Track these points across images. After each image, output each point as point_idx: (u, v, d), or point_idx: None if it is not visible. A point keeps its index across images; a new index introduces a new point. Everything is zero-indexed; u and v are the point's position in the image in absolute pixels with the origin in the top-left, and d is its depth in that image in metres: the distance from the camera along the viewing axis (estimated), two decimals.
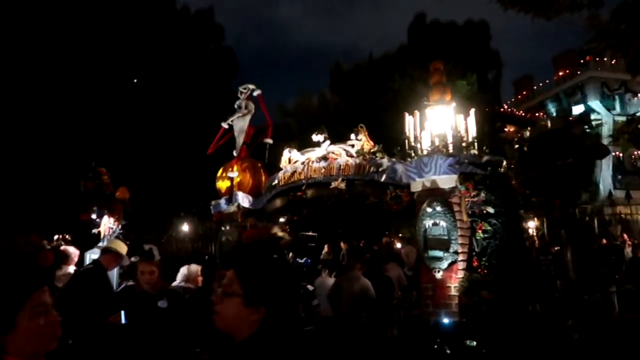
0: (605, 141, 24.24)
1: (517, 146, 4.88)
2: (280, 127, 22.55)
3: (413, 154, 5.82)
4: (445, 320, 4.14)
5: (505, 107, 28.92)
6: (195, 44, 18.51)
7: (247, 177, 7.68)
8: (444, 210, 5.46)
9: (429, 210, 5.56)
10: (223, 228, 7.63)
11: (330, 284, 6.30)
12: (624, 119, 25.03)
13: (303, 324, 6.30)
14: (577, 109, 25.18)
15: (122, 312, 4.05)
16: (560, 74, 28.02)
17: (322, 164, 6.83)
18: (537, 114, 26.48)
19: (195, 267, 6.11)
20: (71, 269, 6.09)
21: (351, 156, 6.59)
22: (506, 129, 21.74)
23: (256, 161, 7.99)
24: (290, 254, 8.33)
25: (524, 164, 4.63)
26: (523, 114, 26.39)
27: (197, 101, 18.58)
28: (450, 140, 5.55)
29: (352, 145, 6.67)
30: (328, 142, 6.94)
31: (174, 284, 6.14)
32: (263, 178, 7.83)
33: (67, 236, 23.00)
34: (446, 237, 5.42)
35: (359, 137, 6.59)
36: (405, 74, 20.29)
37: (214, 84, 19.10)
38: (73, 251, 5.87)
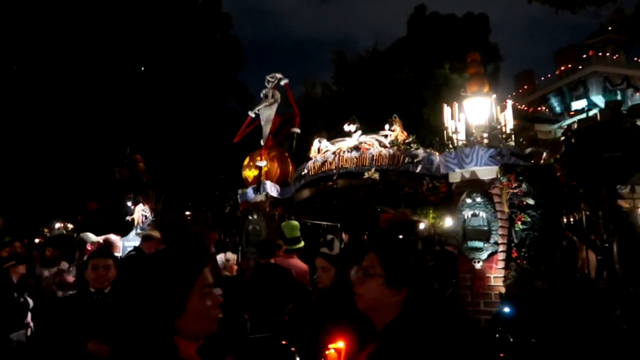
0: None
1: (563, 138, 4.92)
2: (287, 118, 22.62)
3: (451, 145, 5.84)
4: (506, 310, 4.19)
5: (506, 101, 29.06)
6: (203, 32, 18.38)
7: (274, 167, 7.67)
8: (484, 201, 5.49)
9: (469, 201, 5.59)
10: (250, 217, 7.63)
11: None
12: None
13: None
14: (580, 104, 25.35)
15: None
16: (562, 68, 28.17)
17: (354, 154, 6.82)
18: (539, 108, 26.63)
19: (231, 255, 6.15)
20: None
21: (384, 146, 6.59)
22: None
23: (283, 150, 7.98)
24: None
25: (571, 156, 4.66)
26: (526, 108, 26.52)
27: (204, 90, 18.47)
28: (489, 131, 5.57)
29: (385, 136, 6.67)
30: (360, 132, 6.93)
31: None
32: (290, 168, 7.83)
33: (68, 224, 22.91)
34: (486, 228, 5.46)
35: (392, 128, 6.59)
36: (414, 66, 20.28)
37: (220, 73, 18.99)
38: (115, 238, 5.87)
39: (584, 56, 27.58)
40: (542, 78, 29.97)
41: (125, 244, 6.58)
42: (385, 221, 6.58)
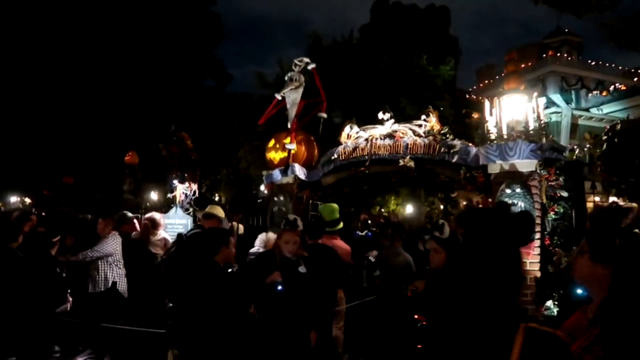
0: (563, 132, 26.01)
1: (605, 137, 5.41)
2: (264, 99, 22.28)
3: (493, 138, 6.20)
4: (579, 292, 4.61)
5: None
6: (186, 6, 17.81)
7: (301, 150, 7.79)
8: (523, 192, 5.92)
9: (508, 191, 6.00)
10: (275, 199, 7.73)
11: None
12: (580, 112, 26.95)
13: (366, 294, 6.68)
14: (539, 101, 26.77)
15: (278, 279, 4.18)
16: (522, 65, 29.54)
17: (387, 141, 7.07)
18: None
19: (272, 235, 6.27)
20: (163, 233, 6.06)
21: (419, 136, 6.88)
22: (474, 116, 22.81)
23: (309, 134, 8.09)
24: None
25: (613, 154, 5.15)
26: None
27: (183, 65, 17.99)
28: (531, 127, 5.98)
29: (419, 125, 6.96)
30: (392, 120, 7.18)
31: (252, 250, 6.29)
32: (316, 151, 7.96)
33: (26, 199, 21.68)
34: None
35: (427, 119, 6.88)
36: (391, 54, 20.62)
37: (198, 49, 18.54)
38: (159, 217, 5.80)
39: (544, 55, 29.03)
40: (503, 74, 31.23)
41: (165, 222, 6.51)
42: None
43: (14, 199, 20.56)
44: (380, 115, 7.22)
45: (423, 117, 6.94)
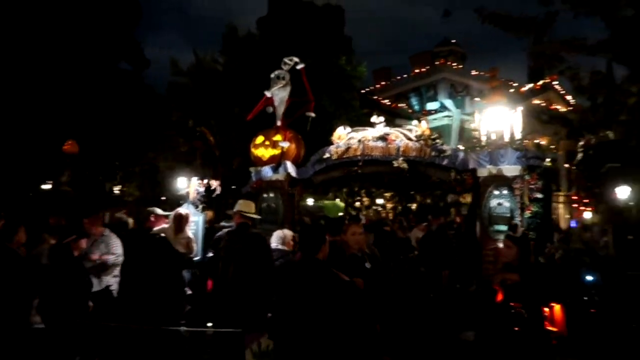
0: (453, 134, 28.81)
1: (581, 151, 6.50)
2: (177, 86, 21.23)
3: (484, 145, 7.02)
4: (589, 278, 5.51)
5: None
6: None
7: (292, 147, 7.94)
8: (509, 193, 6.84)
9: (496, 192, 6.88)
10: (265, 195, 7.80)
11: None
12: (466, 117, 30.02)
13: None
14: (433, 105, 29.31)
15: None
16: (417, 70, 32.05)
17: (380, 143, 7.56)
18: (400, 105, 29.94)
19: (288, 232, 6.45)
20: (188, 231, 5.83)
21: (410, 139, 7.48)
22: (375, 115, 24.28)
23: (297, 133, 8.23)
24: None
25: (588, 164, 6.25)
26: (388, 103, 29.59)
27: (97, 47, 16.57)
28: (517, 136, 6.90)
29: (410, 130, 7.56)
30: (384, 123, 7.70)
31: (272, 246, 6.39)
32: (303, 149, 8.16)
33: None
34: (509, 215, 6.81)
35: (420, 124, 7.51)
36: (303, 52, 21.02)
37: (116, 30, 17.19)
38: (186, 213, 5.57)
39: (436, 63, 31.73)
40: (399, 77, 33.51)
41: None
42: None
43: None
44: (373, 119, 7.69)
45: (414, 122, 7.55)
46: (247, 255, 5.14)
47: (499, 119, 7.19)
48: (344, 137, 7.80)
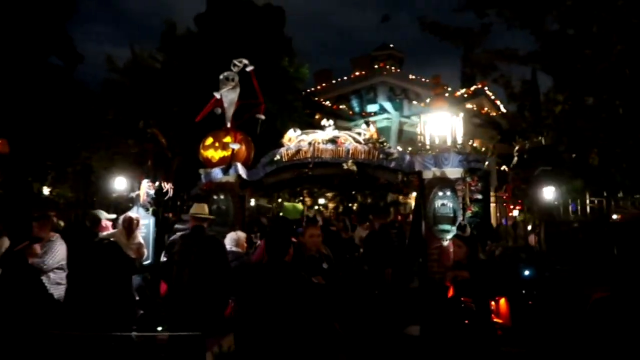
0: (393, 136, 29.66)
1: (517, 154, 7.00)
2: (113, 84, 20.32)
3: (428, 149, 7.37)
4: (527, 273, 5.91)
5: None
6: None
7: (242, 149, 7.93)
8: (452, 194, 7.22)
9: (440, 193, 7.24)
10: (215, 197, 7.75)
11: None
12: (404, 120, 31.02)
13: None
14: (373, 107, 30.05)
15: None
16: (357, 73, 32.71)
17: (330, 146, 7.73)
18: (341, 106, 30.44)
19: (242, 234, 6.51)
20: (140, 236, 5.67)
21: (359, 142, 7.71)
22: (316, 117, 24.70)
23: (247, 135, 8.22)
24: None
25: (522, 167, 6.75)
26: (329, 104, 30.00)
27: (25, 40, 15.61)
28: (459, 140, 7.30)
29: (359, 133, 7.79)
30: (333, 126, 7.88)
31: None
32: (253, 152, 8.17)
33: None
34: (452, 215, 7.19)
35: (368, 128, 7.75)
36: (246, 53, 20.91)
37: (46, 23, 16.25)
38: (136, 217, 5.41)
39: (375, 66, 32.53)
40: (339, 79, 34.04)
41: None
42: None
43: None
44: (323, 122, 7.85)
45: (363, 126, 7.79)
46: (203, 259, 5.12)
47: (441, 124, 7.58)
48: (294, 139, 7.90)
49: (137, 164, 6.66)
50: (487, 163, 7.20)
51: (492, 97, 30.13)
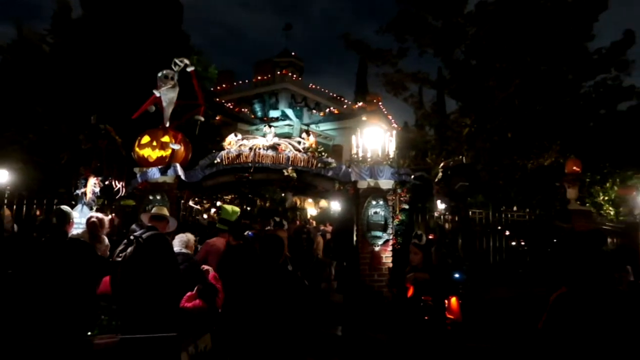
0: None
1: (441, 171, 7.83)
2: None
3: (362, 161, 7.91)
4: (457, 275, 6.59)
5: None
6: None
7: (181, 150, 7.79)
8: (384, 204, 7.86)
9: (374, 202, 7.84)
10: (151, 197, 7.53)
11: None
12: (304, 127, 31.83)
13: None
14: (275, 113, 30.40)
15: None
16: (259, 78, 32.87)
17: (271, 152, 7.95)
18: (243, 110, 30.31)
19: (191, 235, 6.49)
20: (106, 239, 5.33)
21: (299, 151, 8.03)
22: (217, 118, 24.59)
23: (185, 136, 8.06)
24: None
25: (446, 182, 7.60)
26: (231, 106, 29.72)
27: None
28: (391, 155, 7.96)
29: (299, 142, 8.12)
30: (273, 133, 8.11)
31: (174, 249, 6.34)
32: (191, 154, 8.07)
33: None
34: (383, 223, 7.82)
35: (308, 138, 8.11)
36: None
37: None
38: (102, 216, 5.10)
39: (278, 73, 32.96)
40: (241, 82, 33.89)
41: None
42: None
43: None
44: (264, 129, 8.05)
45: (303, 135, 8.13)
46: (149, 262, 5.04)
47: (375, 138, 8.20)
48: (234, 143, 7.98)
49: (85, 160, 6.19)
50: (414, 175, 7.95)
51: (385, 112, 32.12)
